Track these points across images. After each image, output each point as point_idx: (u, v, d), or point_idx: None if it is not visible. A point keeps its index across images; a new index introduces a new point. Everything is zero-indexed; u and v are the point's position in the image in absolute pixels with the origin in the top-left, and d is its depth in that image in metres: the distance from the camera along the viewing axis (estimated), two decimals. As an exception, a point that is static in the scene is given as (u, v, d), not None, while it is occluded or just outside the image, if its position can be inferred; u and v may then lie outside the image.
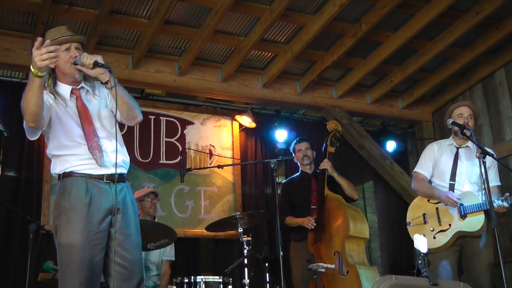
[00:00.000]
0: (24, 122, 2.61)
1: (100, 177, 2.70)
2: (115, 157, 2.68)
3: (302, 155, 4.87)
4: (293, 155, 4.95)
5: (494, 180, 3.87)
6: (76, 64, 2.68)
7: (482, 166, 3.44)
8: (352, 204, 4.60)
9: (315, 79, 5.76)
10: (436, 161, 4.02)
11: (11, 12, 4.62)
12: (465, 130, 3.76)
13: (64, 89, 2.79)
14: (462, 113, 3.94)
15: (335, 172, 4.68)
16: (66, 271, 2.59)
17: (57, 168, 2.75)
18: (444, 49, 5.39)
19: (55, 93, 2.75)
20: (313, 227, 4.47)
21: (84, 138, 2.72)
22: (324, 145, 4.78)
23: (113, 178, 2.70)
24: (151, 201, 4.64)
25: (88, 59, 2.62)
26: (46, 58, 2.39)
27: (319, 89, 6.09)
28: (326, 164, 4.64)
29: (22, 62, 4.88)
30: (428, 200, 3.96)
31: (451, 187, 3.88)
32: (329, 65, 5.50)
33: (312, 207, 4.67)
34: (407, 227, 4.00)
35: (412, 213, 4.01)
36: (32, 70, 2.44)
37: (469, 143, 3.95)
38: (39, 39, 2.42)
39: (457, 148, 3.99)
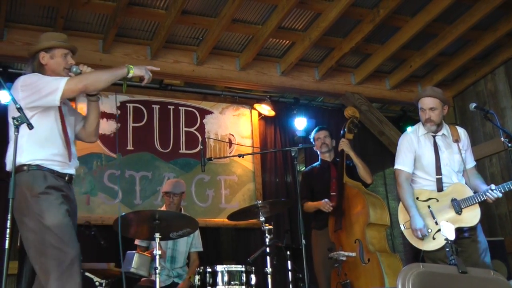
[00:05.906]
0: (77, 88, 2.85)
1: (63, 176, 2.89)
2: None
3: (320, 143, 4.89)
4: (313, 143, 4.97)
5: (471, 162, 3.82)
6: (69, 71, 2.93)
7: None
8: (371, 191, 4.58)
9: (333, 66, 5.73)
10: (417, 153, 3.78)
11: (31, 7, 4.67)
12: (488, 115, 3.68)
13: None
14: (422, 107, 3.76)
15: (352, 151, 4.67)
16: (62, 249, 2.67)
17: (23, 156, 2.77)
18: (464, 32, 5.29)
19: None
20: (330, 210, 4.47)
21: (61, 145, 2.90)
22: (341, 131, 4.78)
23: (71, 179, 2.95)
24: (169, 198, 4.66)
25: (88, 69, 2.96)
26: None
27: (337, 76, 6.05)
28: (343, 143, 4.65)
29: (43, 56, 4.93)
30: (417, 198, 3.70)
31: (439, 182, 3.68)
32: (348, 52, 5.46)
33: (331, 193, 4.68)
34: (402, 230, 3.75)
35: (404, 216, 3.73)
36: (131, 68, 2.92)
37: (444, 130, 3.79)
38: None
39: (433, 137, 3.79)
